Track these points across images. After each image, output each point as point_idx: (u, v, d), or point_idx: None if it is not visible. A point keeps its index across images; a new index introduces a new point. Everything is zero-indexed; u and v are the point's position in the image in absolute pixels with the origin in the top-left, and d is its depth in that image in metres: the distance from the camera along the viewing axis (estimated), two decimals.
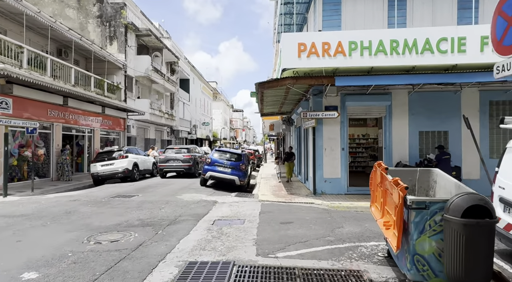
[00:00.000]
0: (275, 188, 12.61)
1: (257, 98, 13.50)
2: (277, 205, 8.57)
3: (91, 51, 18.40)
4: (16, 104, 12.35)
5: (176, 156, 15.75)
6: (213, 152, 12.81)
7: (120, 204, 8.23)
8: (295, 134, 18.31)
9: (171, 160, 15.69)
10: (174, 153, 16.02)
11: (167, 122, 28.93)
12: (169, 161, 15.64)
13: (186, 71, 36.47)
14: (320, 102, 11.11)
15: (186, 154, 15.98)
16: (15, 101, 12.33)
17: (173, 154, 15.99)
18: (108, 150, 14.86)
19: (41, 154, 13.76)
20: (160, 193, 10.22)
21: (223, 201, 9.06)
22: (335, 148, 11.11)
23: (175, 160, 15.67)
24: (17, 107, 12.42)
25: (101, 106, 18.50)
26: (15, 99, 12.35)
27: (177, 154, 15.96)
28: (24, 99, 12.87)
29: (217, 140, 54.94)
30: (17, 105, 12.46)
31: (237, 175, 12.10)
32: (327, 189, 11.03)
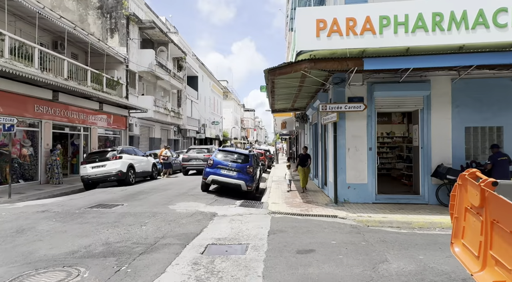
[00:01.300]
0: (288, 195, 10.81)
1: (267, 91, 11.72)
2: (291, 220, 6.77)
3: (90, 44, 17.00)
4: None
5: (197, 156, 17.45)
6: (216, 152, 11.09)
7: (95, 217, 6.60)
8: (310, 133, 16.45)
9: (193, 159, 17.45)
10: (196, 153, 17.90)
11: (173, 121, 27.46)
12: (191, 160, 17.45)
13: (194, 68, 35.00)
14: (343, 92, 9.26)
15: (206, 154, 17.36)
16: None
17: (194, 153, 17.90)
18: (100, 150, 13.34)
19: (25, 154, 12.34)
20: (150, 201, 8.57)
21: (223, 213, 7.33)
22: (360, 147, 9.24)
23: (196, 159, 17.38)
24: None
25: (98, 103, 17.08)
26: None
27: (198, 153, 17.74)
28: (4, 93, 11.45)
29: (228, 140, 53.39)
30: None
31: (243, 179, 10.36)
32: (351, 196, 9.18)
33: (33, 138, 13.28)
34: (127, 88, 20.77)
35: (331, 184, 9.83)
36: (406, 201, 9.07)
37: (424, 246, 4.92)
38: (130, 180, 12.79)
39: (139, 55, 22.52)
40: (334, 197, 8.94)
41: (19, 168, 12.54)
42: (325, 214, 7.72)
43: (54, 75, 13.68)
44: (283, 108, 17.07)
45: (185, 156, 18.01)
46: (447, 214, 7.79)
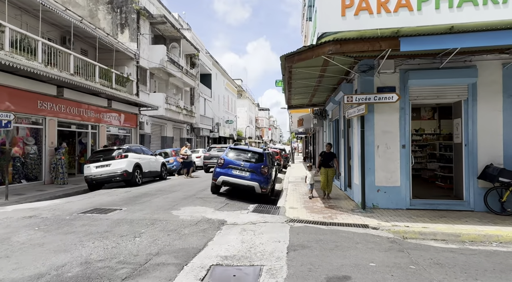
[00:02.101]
0: (307, 198, 9.68)
1: (284, 82, 10.62)
2: (315, 231, 5.66)
3: (98, 39, 16.34)
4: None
5: (217, 154, 17.39)
6: (227, 151, 10.07)
7: (85, 225, 5.69)
8: (329, 130, 15.23)
9: (214, 157, 17.78)
10: (217, 151, 18.68)
11: (185, 119, 26.70)
12: (212, 158, 18.03)
13: (207, 65, 34.22)
14: (371, 82, 8.06)
15: None
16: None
17: (215, 152, 18.77)
18: (105, 148, 12.58)
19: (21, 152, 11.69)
20: (153, 205, 7.63)
21: (234, 220, 6.29)
22: (391, 144, 8.02)
23: (217, 157, 17.89)
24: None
25: (107, 100, 16.39)
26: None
27: (219, 152, 18.03)
28: (4, 88, 10.81)
29: (242, 139, 52.48)
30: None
31: (257, 181, 9.30)
32: (381, 201, 7.97)
33: (37, 136, 12.64)
34: (137, 85, 20.08)
35: (357, 186, 8.64)
36: (446, 207, 7.79)
37: (498, 273, 3.73)
38: (136, 180, 11.96)
39: (150, 51, 21.83)
40: (362, 202, 7.75)
41: (21, 167, 11.91)
42: (353, 222, 6.57)
43: (59, 70, 13.02)
44: (300, 104, 15.91)
45: (206, 154, 19.72)
46: (502, 224, 6.51)
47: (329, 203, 8.84)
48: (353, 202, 8.95)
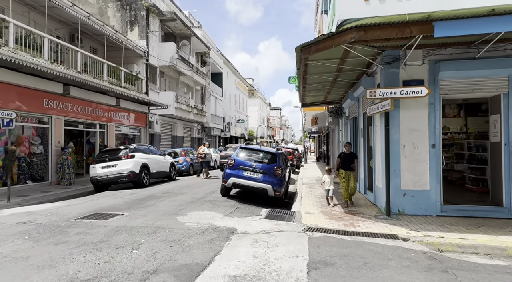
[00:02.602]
0: (324, 202, 8.95)
1: (298, 77, 9.91)
2: (337, 242, 4.96)
3: (109, 38, 15.98)
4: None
5: (233, 153, 17.73)
6: (238, 151, 9.43)
7: (80, 233, 5.14)
8: (346, 128, 14.43)
9: (229, 156, 19.04)
10: (233, 151, 18.56)
11: (196, 118, 26.23)
12: (227, 157, 19.44)
13: (218, 64, 33.71)
14: (396, 75, 7.28)
15: None
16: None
17: (231, 151, 18.96)
18: (111, 148, 12.14)
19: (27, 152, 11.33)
20: (157, 210, 7.06)
21: (245, 228, 5.64)
22: (420, 144, 7.22)
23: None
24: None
25: (115, 98, 16.00)
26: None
27: (234, 151, 19.05)
28: (7, 85, 10.46)
29: (253, 138, 51.86)
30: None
31: (270, 183, 8.63)
32: (407, 206, 7.19)
33: (43, 135, 12.30)
34: (147, 84, 19.68)
35: (379, 189, 7.88)
36: (482, 213, 6.95)
37: None
38: (143, 181, 11.46)
39: (160, 49, 21.41)
40: (386, 207, 6.99)
41: (27, 167, 11.57)
42: (379, 232, 5.82)
43: (66, 68, 12.65)
44: (314, 102, 15.15)
45: (222, 154, 20.34)
46: None
47: (348, 208, 8.09)
48: (375, 207, 8.18)
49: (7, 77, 10.37)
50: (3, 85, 10.30)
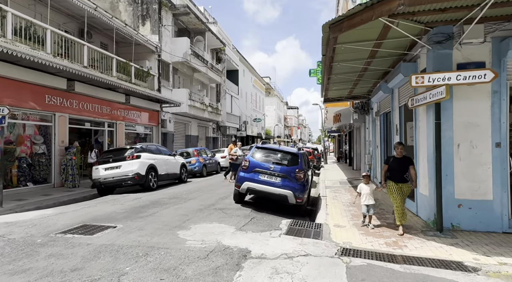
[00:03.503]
0: (353, 209, 7.62)
1: (323, 65, 8.59)
2: (387, 275, 3.66)
3: (119, 32, 15.17)
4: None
5: None
6: (253, 151, 8.21)
7: (53, 255, 4.08)
8: (373, 126, 12.97)
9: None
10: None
11: (211, 116, 25.24)
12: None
13: (234, 61, 32.66)
14: (448, 57, 5.88)
15: None
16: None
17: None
18: (116, 148, 11.22)
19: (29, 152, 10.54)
20: (158, 221, 5.95)
21: (261, 250, 4.42)
22: (479, 143, 5.79)
23: None
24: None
25: (124, 95, 15.16)
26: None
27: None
28: (6, 80, 9.67)
29: (270, 138, 50.58)
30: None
31: (291, 188, 7.39)
32: (463, 220, 5.78)
33: (46, 134, 11.52)
34: (159, 80, 18.80)
35: (425, 198, 6.48)
36: None
37: None
38: (150, 184, 10.45)
39: (173, 44, 20.51)
40: (437, 221, 5.60)
41: (28, 169, 10.80)
42: (436, 256, 4.48)
43: (71, 62, 11.83)
44: (338, 97, 13.76)
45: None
46: None
47: (386, 219, 6.74)
48: (417, 218, 6.78)
49: (5, 71, 9.58)
50: (1, 79, 9.52)
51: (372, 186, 6.17)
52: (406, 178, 5.72)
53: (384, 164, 5.97)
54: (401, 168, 5.72)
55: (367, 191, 6.10)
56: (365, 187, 6.15)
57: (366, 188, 6.14)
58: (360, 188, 6.20)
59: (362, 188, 6.17)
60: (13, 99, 9.89)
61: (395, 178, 5.75)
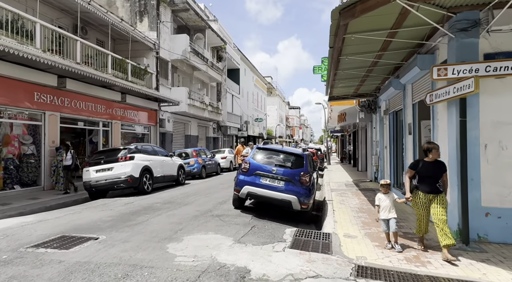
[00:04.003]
0: (362, 216, 6.96)
1: (329, 63, 7.94)
2: None
3: (115, 28, 14.57)
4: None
5: None
6: (254, 152, 7.55)
7: (14, 277, 3.44)
8: (380, 125, 12.29)
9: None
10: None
11: (211, 116, 24.62)
12: None
13: (235, 59, 32.03)
14: (474, 46, 5.21)
15: None
16: None
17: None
18: (108, 148, 10.60)
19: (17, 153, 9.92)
20: (146, 231, 5.31)
21: (263, 269, 3.77)
22: (510, 143, 5.11)
23: None
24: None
25: (120, 93, 14.54)
26: None
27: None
28: None
29: (272, 138, 49.92)
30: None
31: (296, 193, 6.73)
32: (492, 231, 5.11)
33: (35, 134, 10.91)
34: (157, 79, 18.19)
35: None
36: None
37: None
38: (144, 187, 9.81)
39: (172, 42, 19.90)
40: (462, 232, 4.94)
41: (15, 170, 10.19)
42: (468, 277, 3.81)
43: (62, 58, 11.22)
44: (343, 94, 13.07)
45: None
46: None
47: (400, 228, 6.07)
48: None
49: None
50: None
51: (392, 196, 5.05)
52: (439, 187, 4.60)
53: (408, 169, 4.86)
54: (434, 174, 4.58)
55: (387, 203, 4.94)
56: (385, 197, 4.99)
57: (385, 199, 4.98)
58: (378, 200, 5.05)
59: (381, 200, 5.01)
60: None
61: (426, 187, 4.61)
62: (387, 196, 5.01)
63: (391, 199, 5.00)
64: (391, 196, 5.04)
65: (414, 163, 4.89)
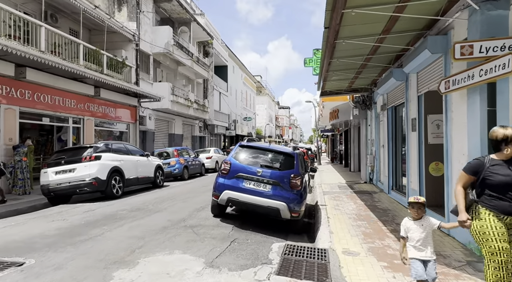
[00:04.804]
0: (362, 224, 5.95)
1: (322, 50, 6.89)
2: None
3: (89, 16, 13.29)
4: None
5: None
6: (236, 150, 6.44)
7: None
8: (376, 122, 11.37)
9: None
10: None
11: (197, 114, 23.41)
12: None
13: (223, 56, 30.86)
14: (503, 20, 4.27)
15: None
16: None
17: None
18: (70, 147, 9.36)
19: None
20: (93, 251, 4.17)
21: None
22: None
23: None
24: None
25: (93, 87, 13.25)
26: None
27: None
28: None
29: (262, 137, 48.92)
30: None
31: (285, 199, 5.68)
32: None
33: None
34: (137, 73, 16.89)
35: None
36: None
37: None
38: (113, 191, 8.60)
39: (154, 34, 18.63)
40: None
41: None
42: None
43: (22, 44, 9.90)
44: (336, 89, 12.09)
45: None
46: None
47: None
48: (450, 239, 5.13)
49: None
50: None
51: (430, 222, 3.04)
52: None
53: (463, 174, 2.95)
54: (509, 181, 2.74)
55: (421, 234, 3.00)
56: (416, 226, 3.04)
57: (417, 228, 3.03)
58: (405, 229, 3.10)
59: (411, 229, 3.06)
60: None
61: (501, 204, 2.76)
62: (421, 223, 3.03)
63: (429, 227, 3.02)
64: (427, 222, 3.04)
65: (476, 163, 2.91)
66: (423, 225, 3.02)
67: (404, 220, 3.16)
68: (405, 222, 3.14)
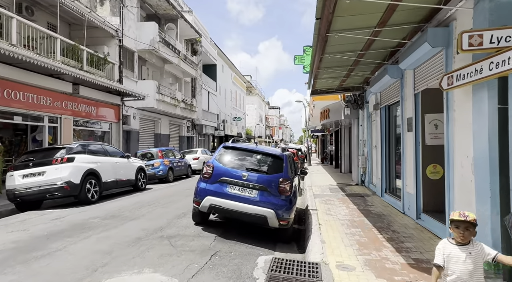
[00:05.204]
0: (356, 232, 5.47)
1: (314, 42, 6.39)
2: None
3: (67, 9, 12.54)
4: None
5: None
6: (220, 152, 5.89)
7: None
8: (368, 122, 10.97)
9: None
10: None
11: (184, 113, 22.73)
12: None
13: (212, 54, 30.20)
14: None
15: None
16: None
17: None
18: (40, 148, 8.66)
19: None
20: (46, 272, 3.57)
21: None
22: None
23: None
24: None
25: (71, 84, 12.50)
26: None
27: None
28: None
29: (252, 138, 48.38)
30: None
31: (273, 206, 5.17)
32: None
33: None
34: (120, 70, 16.15)
35: None
36: None
37: None
38: (88, 195, 7.93)
39: (138, 30, 17.90)
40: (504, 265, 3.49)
41: None
42: None
43: None
44: (327, 88, 11.65)
45: None
46: None
47: (407, 251, 4.62)
48: None
49: None
50: None
51: (481, 250, 2.24)
52: None
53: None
54: None
55: (467, 266, 2.21)
56: (460, 253, 2.23)
57: (461, 254, 2.23)
58: (443, 256, 2.29)
59: (451, 256, 2.25)
60: None
61: None
62: (469, 251, 2.22)
63: (480, 258, 2.23)
64: (477, 249, 2.24)
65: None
66: (471, 254, 2.17)
67: (443, 242, 2.27)
68: (444, 245, 2.25)
